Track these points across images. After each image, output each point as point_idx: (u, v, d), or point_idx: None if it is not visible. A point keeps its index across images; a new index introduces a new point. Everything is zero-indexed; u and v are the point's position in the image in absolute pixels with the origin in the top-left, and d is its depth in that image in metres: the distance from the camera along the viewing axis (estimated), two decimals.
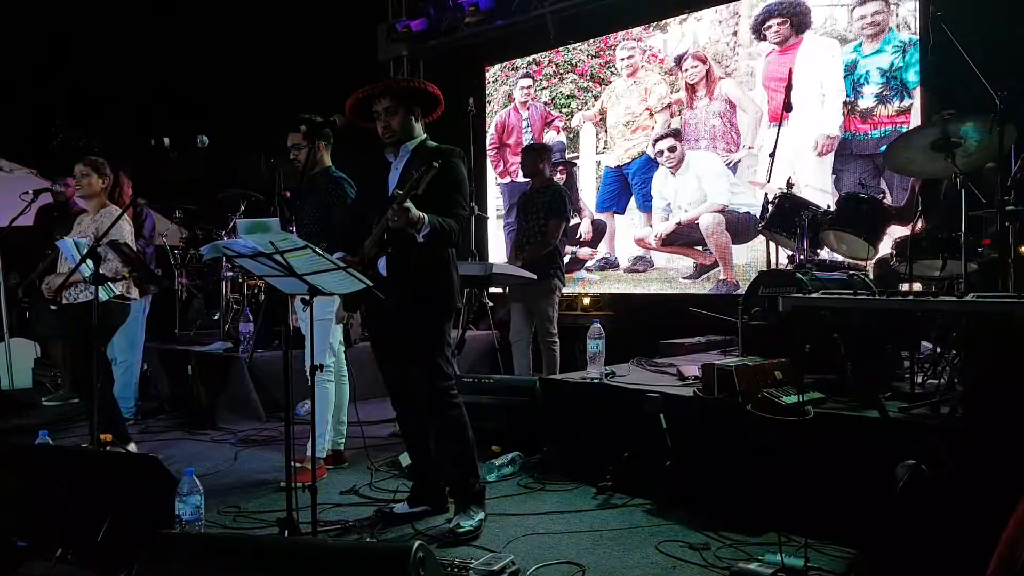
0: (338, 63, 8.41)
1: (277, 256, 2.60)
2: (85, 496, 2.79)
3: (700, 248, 6.71)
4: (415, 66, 9.03)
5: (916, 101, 5.51)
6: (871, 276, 4.02)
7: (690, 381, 3.86)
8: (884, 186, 5.58)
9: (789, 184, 4.38)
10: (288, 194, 4.90)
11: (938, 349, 3.50)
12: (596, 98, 7.50)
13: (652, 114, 7.06)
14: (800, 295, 3.41)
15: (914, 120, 5.45)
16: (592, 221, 7.52)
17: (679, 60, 6.86)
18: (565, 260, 7.60)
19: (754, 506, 3.09)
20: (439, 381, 3.22)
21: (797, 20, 6.13)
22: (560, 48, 7.77)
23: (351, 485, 3.82)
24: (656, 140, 7.00)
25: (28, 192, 6.02)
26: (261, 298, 6.17)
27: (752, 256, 6.30)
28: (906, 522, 2.54)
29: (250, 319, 5.86)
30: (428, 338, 3.23)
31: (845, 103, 5.85)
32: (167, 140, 3.68)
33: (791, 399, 3.16)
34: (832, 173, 5.92)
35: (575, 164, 7.67)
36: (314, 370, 2.90)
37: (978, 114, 3.11)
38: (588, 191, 7.56)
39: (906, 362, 3.56)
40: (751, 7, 6.40)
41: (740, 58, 6.47)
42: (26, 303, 6.51)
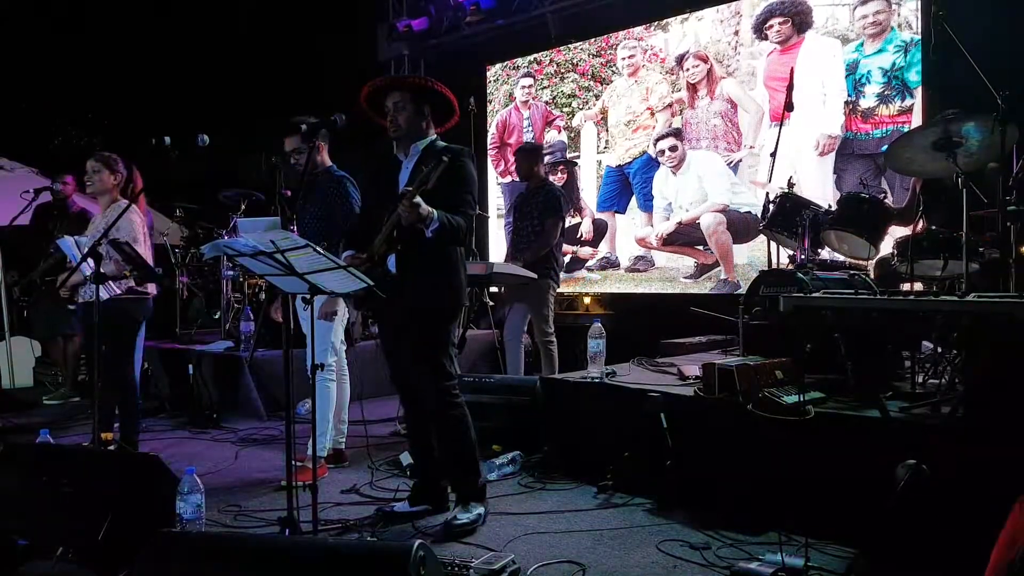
0: (339, 63, 8.42)
1: (278, 255, 2.60)
2: (86, 495, 2.79)
3: (701, 248, 6.70)
4: (416, 66, 9.02)
5: (917, 101, 5.50)
6: (872, 276, 4.01)
7: (691, 381, 3.85)
8: (885, 186, 5.58)
9: (790, 184, 4.38)
10: (288, 193, 4.90)
11: (939, 349, 3.49)
12: (597, 97, 7.50)
13: (653, 113, 7.06)
14: (801, 295, 3.40)
15: (915, 120, 5.45)
16: (593, 220, 7.52)
17: (680, 59, 6.85)
18: (566, 260, 7.64)
19: (755, 506, 3.09)
20: (442, 380, 3.23)
21: (798, 20, 6.12)
22: (561, 47, 7.77)
23: (352, 484, 3.82)
24: (657, 139, 7.00)
25: (29, 191, 6.02)
26: (262, 297, 6.17)
27: (753, 256, 6.30)
28: (907, 522, 2.54)
29: (251, 318, 5.86)
30: (433, 337, 3.24)
31: (846, 103, 5.85)
32: (168, 139, 3.67)
33: (792, 399, 3.16)
34: (833, 173, 5.91)
35: (576, 163, 7.66)
36: (315, 369, 2.90)
37: (980, 114, 3.11)
38: (589, 190, 7.56)
39: (907, 362, 3.56)
40: (752, 6, 6.39)
41: (741, 57, 6.47)
42: (25, 302, 6.51)
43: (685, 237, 6.82)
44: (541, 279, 5.24)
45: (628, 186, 7.26)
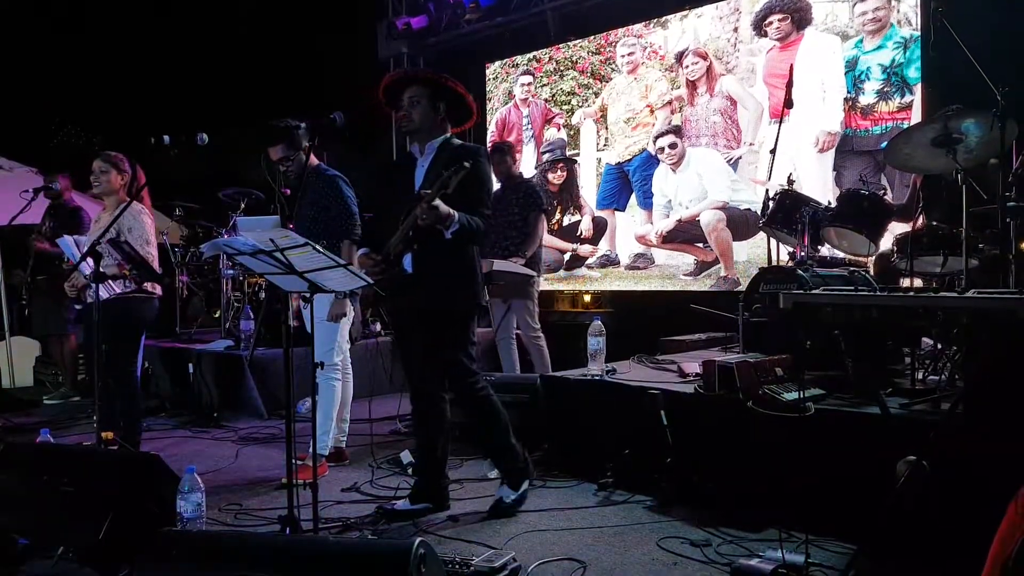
0: (338, 61, 8.42)
1: (277, 253, 2.60)
2: (86, 494, 2.79)
3: (701, 245, 6.70)
4: (415, 64, 9.01)
5: (917, 97, 5.50)
6: (872, 273, 4.01)
7: (691, 378, 3.85)
8: (885, 182, 5.58)
9: (790, 180, 4.38)
10: (288, 191, 4.89)
11: (939, 345, 3.49)
12: (597, 95, 7.50)
13: (653, 111, 7.05)
14: (801, 292, 3.40)
15: (915, 116, 5.45)
16: (593, 218, 7.52)
17: (680, 56, 6.85)
18: (566, 258, 7.64)
19: (755, 502, 3.10)
20: (465, 377, 3.30)
21: (798, 16, 6.12)
22: (560, 45, 7.76)
23: (352, 483, 3.82)
24: (657, 137, 6.99)
25: (28, 190, 6.01)
26: (261, 296, 6.17)
27: (753, 253, 6.30)
28: (906, 518, 2.54)
29: (251, 317, 5.86)
30: (452, 336, 3.27)
31: (846, 99, 5.85)
32: (167, 138, 3.67)
33: (792, 395, 3.16)
34: (833, 169, 5.91)
35: (576, 161, 7.66)
36: (315, 367, 2.90)
37: (979, 110, 3.11)
38: (589, 188, 7.56)
39: (907, 358, 3.56)
40: (752, 3, 6.39)
41: (741, 54, 6.47)
42: (25, 300, 6.50)
43: (685, 234, 6.81)
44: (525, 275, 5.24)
45: (628, 184, 7.26)
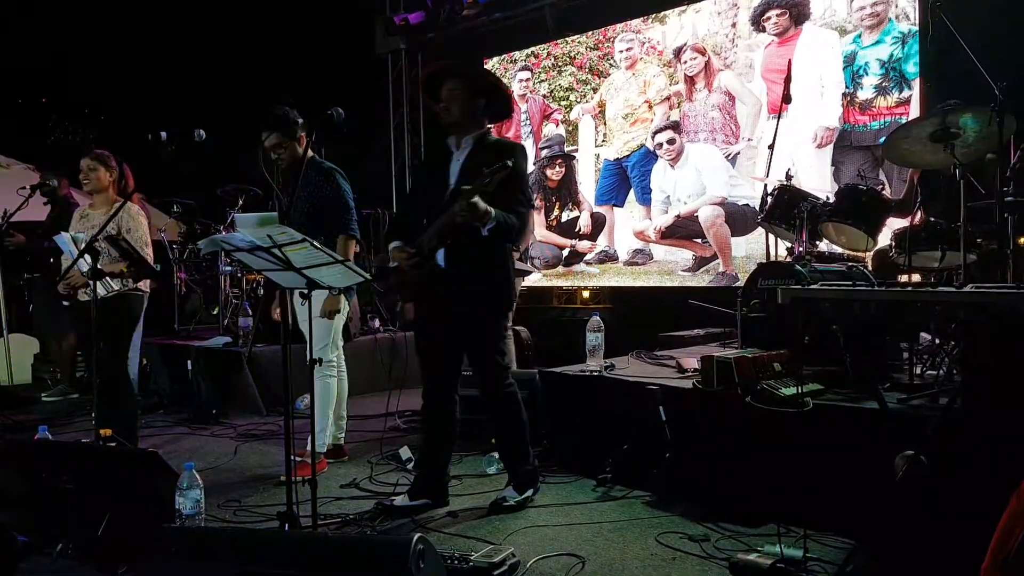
0: (336, 56, 8.40)
1: (275, 250, 2.60)
2: (85, 491, 2.79)
3: (699, 241, 6.70)
4: (413, 59, 9.01)
5: (915, 92, 5.49)
6: (870, 268, 4.01)
7: (689, 373, 3.86)
8: (883, 177, 5.57)
9: (788, 176, 4.37)
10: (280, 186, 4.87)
11: (937, 340, 3.50)
12: (595, 91, 7.49)
13: (651, 106, 7.04)
14: (799, 287, 3.41)
15: (913, 111, 5.44)
16: (591, 214, 7.52)
17: (678, 52, 6.84)
18: (564, 253, 7.64)
19: (753, 497, 3.10)
20: (495, 374, 3.33)
21: (796, 11, 6.11)
22: (558, 40, 7.74)
23: (351, 479, 3.83)
24: (655, 132, 6.99)
25: (25, 187, 6.00)
26: (260, 293, 6.17)
27: (751, 248, 6.30)
28: (905, 513, 2.54)
29: (249, 314, 5.86)
30: (485, 333, 3.30)
31: (844, 94, 5.84)
32: (164, 135, 3.66)
33: (790, 391, 3.16)
34: (831, 165, 5.91)
35: (574, 157, 7.66)
36: (313, 364, 2.90)
37: (977, 105, 3.10)
38: (587, 184, 7.55)
39: (905, 353, 3.56)
40: None
41: (739, 50, 6.46)
42: (27, 298, 6.49)
43: (683, 230, 6.81)
44: None
45: (626, 179, 7.25)
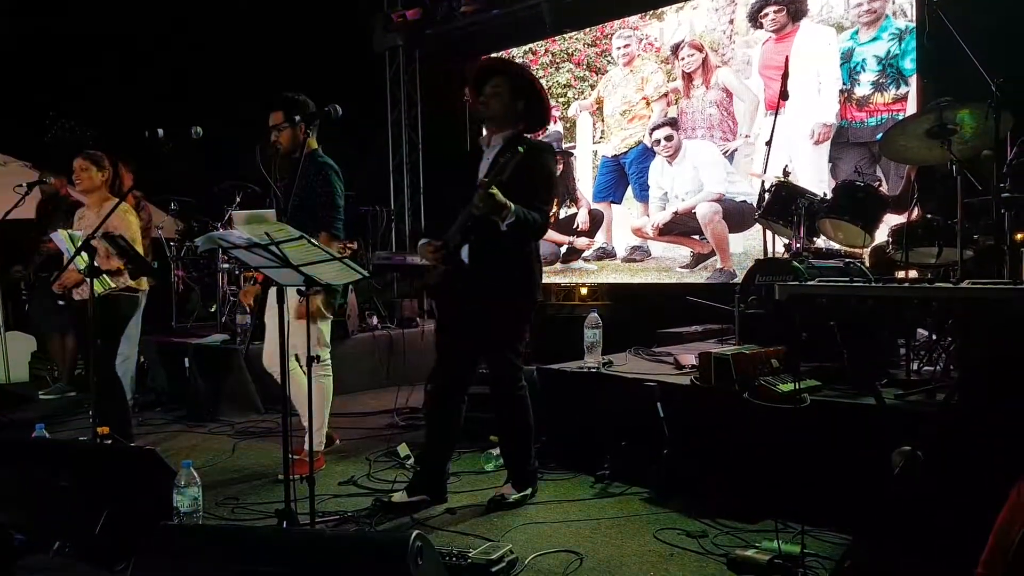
0: (333, 53, 8.38)
1: (272, 247, 2.60)
2: (83, 489, 2.79)
3: (697, 237, 6.70)
4: (411, 56, 9.00)
5: (912, 89, 5.50)
6: (867, 264, 4.02)
7: (687, 370, 3.86)
8: (880, 174, 5.57)
9: (786, 172, 4.38)
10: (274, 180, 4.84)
11: (934, 336, 3.50)
12: (592, 87, 7.48)
13: (649, 103, 7.04)
14: (796, 283, 3.40)
15: (910, 108, 5.44)
16: (589, 211, 7.52)
17: (676, 48, 6.83)
18: (563, 250, 7.64)
19: (751, 493, 3.10)
20: (509, 375, 3.33)
21: (793, 8, 6.10)
22: (556, 37, 7.74)
23: (349, 476, 3.83)
24: (653, 129, 6.99)
25: (22, 184, 5.99)
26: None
27: (749, 245, 6.30)
28: (902, 508, 2.55)
29: (247, 311, 5.85)
30: (504, 330, 3.30)
31: (841, 91, 5.84)
32: (161, 132, 3.65)
33: (787, 387, 3.17)
34: (828, 161, 5.91)
35: (572, 154, 7.66)
36: (310, 361, 2.90)
37: (974, 101, 3.10)
38: (585, 181, 7.55)
39: (902, 349, 3.57)
40: None
41: (736, 46, 6.46)
42: (25, 296, 6.48)
43: (681, 227, 6.81)
44: None
45: (624, 176, 7.25)
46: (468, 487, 3.62)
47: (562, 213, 7.67)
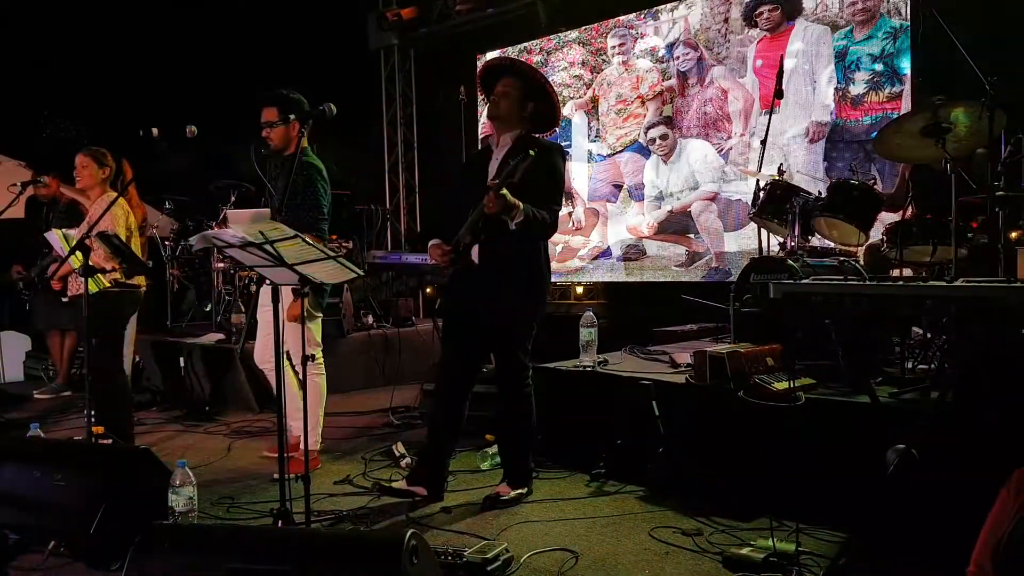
0: (328, 52, 8.37)
1: (267, 246, 2.59)
2: (77, 489, 2.78)
3: (692, 236, 6.71)
4: (406, 55, 8.98)
5: (907, 87, 5.51)
6: (862, 262, 4.02)
7: (682, 368, 3.86)
8: (875, 172, 5.57)
9: (780, 171, 4.38)
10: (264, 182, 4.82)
11: (928, 334, 3.51)
12: (588, 86, 7.48)
13: (644, 102, 7.04)
14: (791, 282, 3.41)
15: (905, 106, 5.45)
16: (584, 209, 7.52)
17: (671, 47, 6.84)
18: (558, 249, 7.64)
19: (746, 492, 3.11)
20: (518, 374, 3.35)
21: (788, 7, 6.11)
22: (551, 36, 7.73)
23: (345, 475, 3.82)
24: (648, 128, 6.99)
25: (16, 184, 5.97)
26: (252, 289, 6.15)
27: (743, 243, 6.31)
28: (897, 506, 2.56)
29: (242, 310, 5.84)
30: (513, 329, 3.32)
31: (836, 89, 5.85)
32: (155, 131, 3.64)
33: (782, 385, 3.18)
34: (823, 160, 5.92)
35: (567, 152, 7.64)
36: (305, 361, 2.90)
37: (968, 100, 3.11)
38: (580, 179, 7.55)
39: (897, 347, 3.58)
40: None
41: (731, 45, 6.46)
42: (26, 295, 6.46)
43: (676, 225, 6.82)
44: None
45: (619, 175, 7.25)
46: (464, 486, 3.62)
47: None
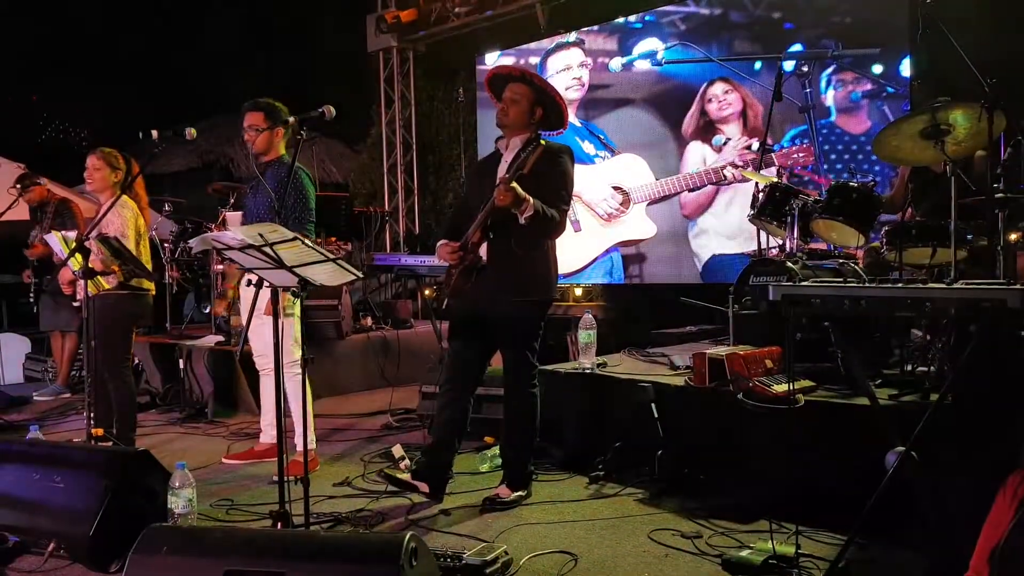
0: (327, 54, 8.39)
1: (266, 248, 2.59)
2: (77, 491, 2.78)
3: (691, 237, 6.71)
4: (405, 58, 8.99)
5: (906, 89, 5.51)
6: (861, 264, 4.02)
7: (681, 370, 3.87)
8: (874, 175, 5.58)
9: (780, 173, 4.38)
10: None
11: (928, 336, 3.51)
12: (587, 87, 7.47)
13: (644, 103, 7.04)
14: (790, 284, 3.41)
15: (905, 108, 5.45)
16: (584, 210, 7.50)
17: (668, 49, 6.83)
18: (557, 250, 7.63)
19: (745, 494, 3.11)
20: (525, 372, 3.36)
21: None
22: (551, 37, 7.73)
23: (344, 477, 3.82)
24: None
25: (16, 186, 5.97)
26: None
27: (743, 245, 6.31)
28: (896, 508, 2.56)
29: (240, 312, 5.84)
30: (522, 328, 3.33)
31: (835, 90, 5.85)
32: (155, 133, 3.64)
33: (781, 387, 3.17)
34: (823, 162, 5.92)
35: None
36: (305, 363, 2.90)
37: (967, 102, 3.11)
38: (580, 180, 7.49)
39: (896, 350, 3.58)
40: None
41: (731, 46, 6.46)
42: (32, 297, 6.46)
43: (676, 226, 6.81)
44: None
45: (619, 176, 7.24)
46: (463, 488, 3.62)
47: None
